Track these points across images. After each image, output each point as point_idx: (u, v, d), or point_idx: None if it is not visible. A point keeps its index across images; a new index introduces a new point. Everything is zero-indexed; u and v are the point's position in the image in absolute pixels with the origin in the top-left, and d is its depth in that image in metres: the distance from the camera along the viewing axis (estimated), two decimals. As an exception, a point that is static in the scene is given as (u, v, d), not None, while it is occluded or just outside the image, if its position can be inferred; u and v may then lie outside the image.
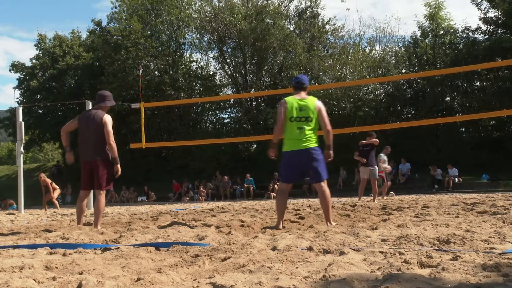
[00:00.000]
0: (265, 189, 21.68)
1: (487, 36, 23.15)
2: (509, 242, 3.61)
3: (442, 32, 24.86)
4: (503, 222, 5.02)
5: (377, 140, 11.86)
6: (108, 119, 6.27)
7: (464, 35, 24.33)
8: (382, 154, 13.41)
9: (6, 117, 33.82)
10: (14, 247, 4.26)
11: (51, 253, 3.87)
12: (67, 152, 6.49)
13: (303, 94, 5.55)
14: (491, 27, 23.11)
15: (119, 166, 6.36)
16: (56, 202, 15.50)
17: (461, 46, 24.09)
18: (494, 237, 3.79)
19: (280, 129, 5.47)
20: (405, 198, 12.38)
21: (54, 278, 2.78)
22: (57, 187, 15.79)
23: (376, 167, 11.91)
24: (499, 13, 22.56)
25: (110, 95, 6.56)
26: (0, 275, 2.93)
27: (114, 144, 6.26)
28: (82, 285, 2.54)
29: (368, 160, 11.67)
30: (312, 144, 5.40)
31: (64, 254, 3.76)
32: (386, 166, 13.48)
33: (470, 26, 24.05)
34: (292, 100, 5.46)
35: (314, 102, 5.47)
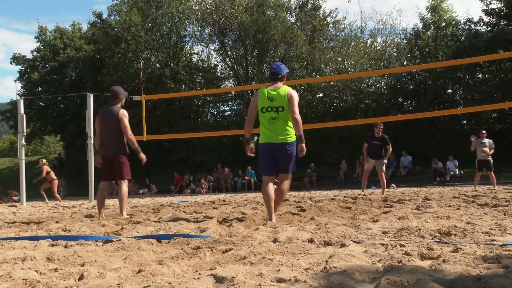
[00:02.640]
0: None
1: (489, 28, 23.06)
2: (510, 234, 3.61)
3: (444, 24, 24.78)
4: (504, 215, 5.02)
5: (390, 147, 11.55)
6: (124, 113, 6.51)
7: (466, 27, 24.24)
8: None
9: (7, 110, 33.84)
10: (16, 239, 4.28)
11: (53, 245, 3.88)
12: (96, 156, 6.77)
13: (279, 84, 5.33)
14: (494, 19, 23.00)
15: (142, 154, 6.69)
16: (58, 196, 15.41)
17: (463, 38, 24.01)
18: (495, 229, 3.79)
19: (248, 122, 5.42)
20: (406, 191, 12.38)
21: (56, 270, 2.80)
22: (55, 177, 15.79)
23: (384, 160, 11.60)
24: (502, 5, 22.45)
25: (120, 89, 6.83)
26: (2, 266, 2.94)
27: (132, 137, 6.55)
28: (83, 276, 2.55)
29: (375, 152, 11.36)
30: (285, 137, 5.22)
31: (66, 246, 3.77)
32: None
33: (472, 18, 24.03)
34: (264, 91, 5.29)
35: (286, 91, 5.23)
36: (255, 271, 2.47)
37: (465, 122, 24.50)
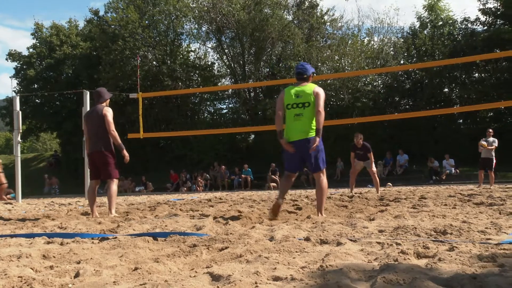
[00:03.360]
0: (263, 179, 21.72)
1: (486, 27, 23.12)
2: (505, 233, 3.63)
3: (441, 23, 24.82)
4: (500, 213, 5.04)
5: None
6: (107, 110, 6.59)
7: (463, 26, 24.31)
8: None
9: (3, 107, 33.69)
10: (12, 236, 4.27)
11: (48, 243, 3.87)
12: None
13: (305, 83, 5.45)
14: (490, 18, 23.06)
15: (125, 152, 6.63)
16: (5, 198, 14.33)
17: (459, 37, 24.07)
18: (490, 228, 3.81)
19: (278, 118, 5.39)
20: (403, 189, 12.42)
21: (51, 267, 2.79)
22: (4, 181, 14.52)
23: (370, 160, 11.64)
24: (499, 4, 22.49)
25: (103, 89, 6.91)
26: (-3, 264, 2.93)
27: (115, 133, 6.55)
28: (79, 274, 2.55)
29: (361, 158, 11.52)
30: (311, 133, 5.25)
31: (61, 244, 3.77)
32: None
33: (469, 17, 24.07)
34: (290, 88, 5.40)
35: (313, 88, 5.34)
36: (252, 269, 2.47)
37: (461, 121, 24.57)
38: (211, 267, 2.64)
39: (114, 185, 6.60)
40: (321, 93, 5.36)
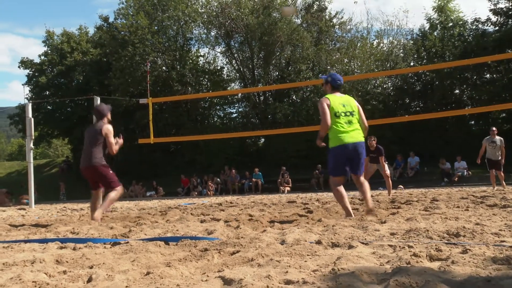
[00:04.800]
0: (273, 183, 21.69)
1: (497, 28, 22.92)
2: (519, 235, 3.58)
3: (451, 24, 24.68)
4: (513, 215, 4.99)
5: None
6: (108, 129, 6.54)
7: (474, 27, 24.12)
8: None
9: (15, 114, 34.03)
10: (26, 241, 4.30)
11: (61, 248, 3.90)
12: None
13: (338, 93, 5.75)
14: (502, 18, 22.86)
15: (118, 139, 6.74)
16: None
17: (470, 38, 23.89)
18: (504, 230, 3.77)
19: (327, 123, 5.51)
20: (414, 192, 12.35)
21: (64, 272, 2.81)
22: None
23: (385, 164, 11.58)
24: (510, 4, 22.31)
25: (102, 106, 6.95)
26: (12, 268, 2.96)
27: (115, 151, 6.61)
28: (92, 279, 2.56)
29: (373, 161, 11.43)
30: (362, 138, 5.63)
31: (74, 249, 3.79)
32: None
33: (479, 18, 23.86)
34: (333, 97, 5.63)
35: (353, 100, 5.79)
36: (263, 273, 2.47)
37: (473, 122, 24.38)
38: (223, 271, 2.64)
39: (115, 192, 6.56)
40: (359, 106, 5.85)
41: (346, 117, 5.53)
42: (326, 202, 8.94)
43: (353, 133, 5.51)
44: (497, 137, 12.73)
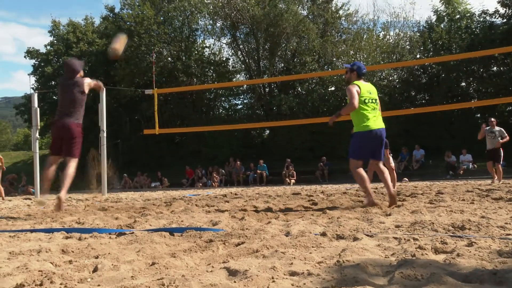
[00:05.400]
0: (278, 175, 21.70)
1: (505, 20, 22.72)
2: (525, 228, 3.57)
3: (458, 16, 24.50)
4: (519, 209, 4.96)
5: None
6: (89, 83, 6.35)
7: (481, 19, 23.93)
8: None
9: (21, 104, 34.15)
10: (32, 231, 4.33)
11: (67, 237, 3.92)
12: None
13: (363, 81, 5.98)
14: (510, 10, 22.65)
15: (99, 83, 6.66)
16: (1, 188, 13.36)
17: (477, 30, 23.71)
18: (510, 223, 3.75)
19: (354, 106, 5.69)
20: (419, 185, 12.31)
21: (70, 262, 2.83)
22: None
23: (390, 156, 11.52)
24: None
25: (74, 61, 6.55)
26: (19, 257, 2.98)
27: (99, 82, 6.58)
28: (98, 268, 2.57)
29: None
30: (383, 125, 5.92)
31: (79, 239, 3.81)
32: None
33: (487, 10, 23.66)
34: (361, 84, 5.86)
35: (375, 88, 6.07)
36: (268, 264, 2.47)
37: (479, 115, 24.25)
38: (228, 262, 2.64)
39: (74, 166, 6.13)
40: None
41: (372, 104, 5.80)
42: (331, 194, 8.94)
43: (378, 119, 5.81)
44: (497, 128, 12.41)
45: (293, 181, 20.40)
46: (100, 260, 2.76)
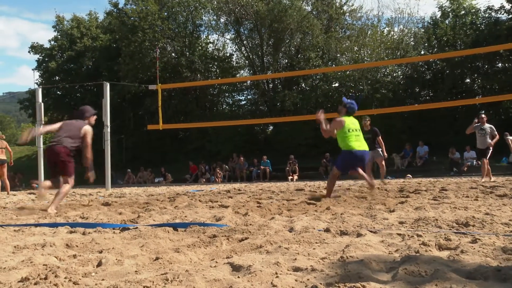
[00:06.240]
0: (281, 171, 21.68)
1: (510, 16, 22.58)
2: (529, 225, 3.56)
3: (463, 12, 24.37)
4: (523, 206, 4.95)
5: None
6: (89, 130, 6.48)
7: (486, 15, 23.77)
8: None
9: (26, 99, 34.23)
10: (36, 225, 4.35)
11: (71, 232, 3.94)
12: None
13: (350, 117, 7.28)
14: (516, 6, 22.51)
15: (91, 173, 6.54)
16: (7, 182, 13.25)
17: (482, 26, 23.57)
18: (514, 221, 3.74)
19: (327, 133, 7.30)
20: (423, 181, 12.28)
21: (75, 256, 2.84)
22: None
23: (379, 149, 11.54)
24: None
25: (88, 108, 6.88)
26: (23, 251, 3.00)
27: (90, 156, 6.48)
28: (102, 263, 2.58)
29: (369, 145, 11.32)
30: (367, 147, 7.23)
31: (84, 233, 3.83)
32: None
33: (493, 6, 23.50)
34: (347, 118, 7.20)
35: (356, 121, 7.40)
36: (272, 259, 2.47)
37: (483, 112, 24.15)
38: (232, 257, 2.65)
39: (68, 186, 6.34)
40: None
41: (354, 132, 7.10)
42: (334, 190, 8.93)
43: (361, 143, 7.09)
44: (487, 125, 12.13)
45: (296, 177, 20.37)
46: (104, 255, 2.77)
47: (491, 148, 11.99)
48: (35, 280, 2.23)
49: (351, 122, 7.21)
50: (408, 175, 16.50)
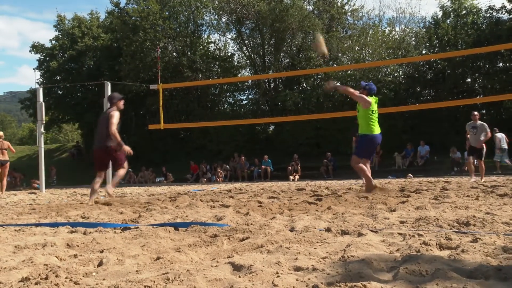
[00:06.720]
0: (283, 170, 21.69)
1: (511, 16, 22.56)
2: (530, 225, 3.55)
3: (464, 12, 24.33)
4: (525, 205, 4.94)
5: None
6: (113, 114, 7.15)
7: (488, 15, 23.74)
8: None
9: (27, 98, 34.23)
10: (37, 225, 4.35)
11: (72, 232, 3.94)
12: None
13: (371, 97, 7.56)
14: (517, 6, 22.47)
15: (126, 147, 7.21)
16: (5, 183, 13.00)
17: (484, 26, 23.54)
18: (515, 220, 3.74)
19: (365, 102, 7.42)
20: (424, 181, 12.28)
21: (75, 256, 2.84)
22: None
23: None
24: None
25: (114, 94, 7.62)
26: (24, 251, 3.00)
27: (115, 132, 7.06)
28: (103, 263, 2.59)
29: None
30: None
31: (84, 233, 3.83)
32: None
33: (494, 5, 23.47)
34: (372, 99, 7.51)
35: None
36: (273, 259, 2.47)
37: (484, 111, 24.12)
38: (232, 257, 2.65)
39: (124, 170, 7.34)
40: None
41: (376, 114, 7.44)
42: (335, 190, 8.93)
43: (378, 126, 7.40)
44: (479, 122, 12.05)
45: (297, 176, 20.38)
46: (105, 255, 2.77)
47: (484, 147, 11.92)
48: (35, 280, 2.23)
49: (375, 103, 7.57)
50: (409, 174, 16.50)
